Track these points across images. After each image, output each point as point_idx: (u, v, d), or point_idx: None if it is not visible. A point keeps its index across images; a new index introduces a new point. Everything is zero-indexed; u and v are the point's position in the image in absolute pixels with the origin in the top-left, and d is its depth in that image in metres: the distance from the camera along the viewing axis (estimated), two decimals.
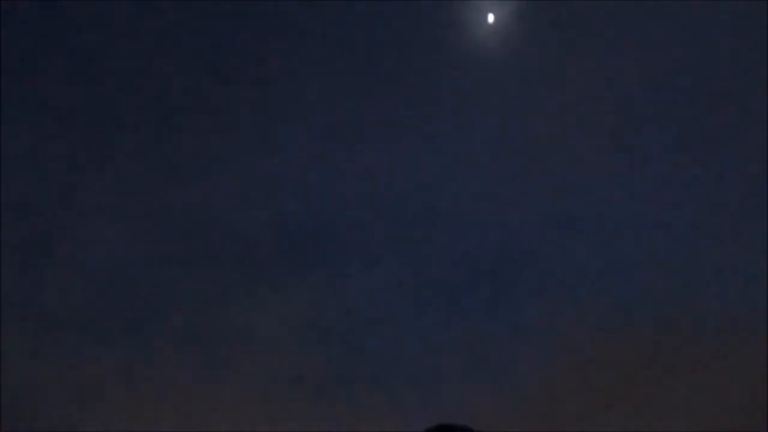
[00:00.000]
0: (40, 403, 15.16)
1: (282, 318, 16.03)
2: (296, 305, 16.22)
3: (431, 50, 16.94)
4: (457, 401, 15.44)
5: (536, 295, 16.38)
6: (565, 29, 17.06)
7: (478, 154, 17.00)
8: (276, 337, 15.95)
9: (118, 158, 16.78)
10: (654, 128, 17.24)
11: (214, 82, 17.15)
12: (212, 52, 17.31)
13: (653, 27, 17.16)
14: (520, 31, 16.95)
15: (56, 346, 15.59)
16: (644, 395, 15.49)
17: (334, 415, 15.48)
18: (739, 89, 16.99)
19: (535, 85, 17.05)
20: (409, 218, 16.79)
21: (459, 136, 17.07)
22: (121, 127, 16.91)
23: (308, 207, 16.89)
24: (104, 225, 16.39)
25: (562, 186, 16.90)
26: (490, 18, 16.64)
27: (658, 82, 17.29)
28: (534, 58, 17.03)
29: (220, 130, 17.11)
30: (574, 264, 16.64)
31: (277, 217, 16.69)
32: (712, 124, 17.14)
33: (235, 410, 15.45)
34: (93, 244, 16.32)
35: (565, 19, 17.04)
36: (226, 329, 15.93)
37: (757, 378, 15.27)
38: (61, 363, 15.44)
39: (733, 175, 16.82)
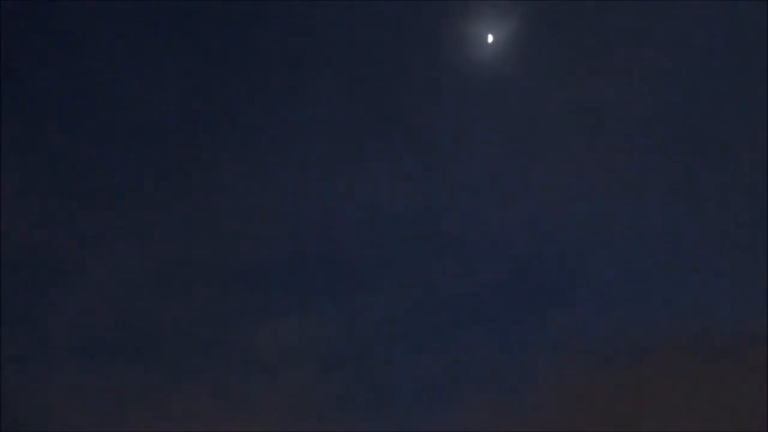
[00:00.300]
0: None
1: (292, 342, 16.21)
2: (306, 330, 16.37)
3: (432, 72, 16.99)
4: (467, 418, 15.72)
5: (542, 311, 16.62)
6: (563, 48, 17.08)
7: (481, 173, 17.10)
8: (286, 360, 16.14)
9: (127, 188, 16.83)
10: (659, 144, 17.30)
11: (225, 112, 17.17)
12: (220, 83, 17.29)
13: (653, 46, 17.15)
14: (519, 51, 16.98)
15: (67, 372, 15.75)
16: (652, 408, 15.77)
17: None
18: (741, 102, 17.02)
19: (536, 101, 17.11)
20: (416, 241, 16.93)
21: (461, 156, 17.16)
22: (129, 157, 16.94)
23: (316, 235, 17.00)
24: (114, 253, 16.49)
25: (565, 203, 17.01)
26: (490, 38, 16.72)
27: (659, 98, 17.33)
28: (533, 75, 17.09)
29: (230, 162, 17.15)
30: (580, 280, 16.86)
31: (286, 245, 16.81)
32: (718, 141, 17.18)
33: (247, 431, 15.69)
34: (102, 272, 16.44)
35: (564, 38, 17.06)
36: (237, 354, 16.12)
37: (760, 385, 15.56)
38: (72, 389, 15.60)
39: (739, 188, 16.93)
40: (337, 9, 17.25)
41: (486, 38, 16.88)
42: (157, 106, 17.32)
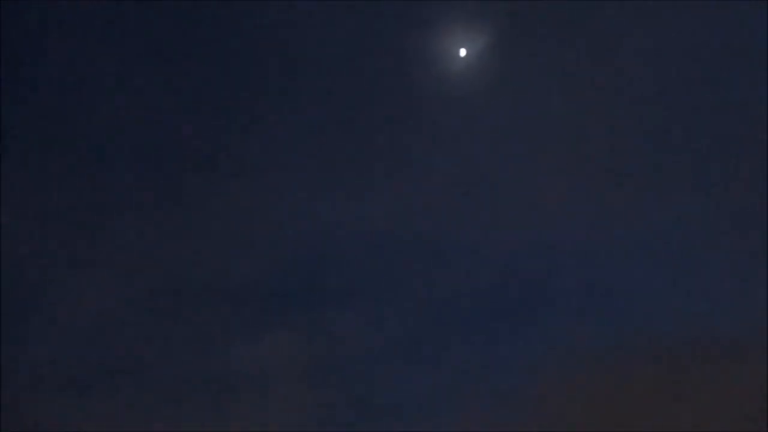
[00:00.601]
0: None
1: (279, 360, 16.00)
2: (291, 348, 16.18)
3: (407, 86, 17.11)
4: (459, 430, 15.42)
5: (532, 324, 16.40)
6: (535, 62, 17.21)
7: (465, 183, 17.06)
8: (271, 379, 15.92)
9: (109, 213, 16.82)
10: (645, 152, 17.24)
11: (209, 135, 17.25)
12: (206, 107, 17.43)
13: (623, 58, 17.26)
14: (492, 64, 17.14)
15: (52, 397, 15.53)
16: (650, 412, 15.46)
17: None
18: (736, 105, 17.00)
19: (518, 109, 17.18)
20: (400, 255, 16.84)
21: (442, 170, 17.17)
22: (114, 180, 16.97)
23: (299, 251, 16.94)
24: (97, 277, 16.40)
25: (557, 209, 16.90)
26: (462, 52, 16.92)
27: (647, 102, 17.31)
28: (505, 88, 17.19)
29: (211, 183, 17.17)
30: (568, 293, 16.68)
31: (271, 262, 16.71)
32: (709, 147, 17.13)
33: None
34: (86, 295, 16.34)
35: (536, 52, 17.21)
36: (222, 374, 15.90)
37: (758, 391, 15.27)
38: (59, 415, 15.37)
39: (737, 189, 16.78)
40: (321, 22, 17.45)
41: (459, 52, 17.07)
42: (147, 140, 17.39)
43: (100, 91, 17.38)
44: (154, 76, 17.52)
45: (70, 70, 17.37)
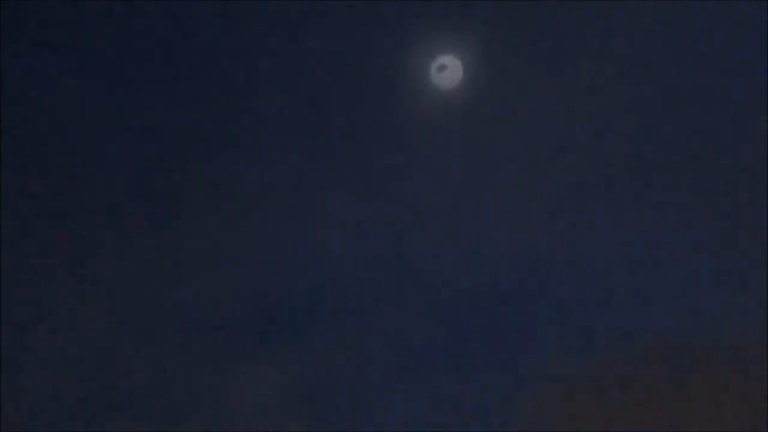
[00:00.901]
0: None
1: (263, 391, 15.98)
2: (278, 377, 16.18)
3: (383, 101, 17.12)
4: None
5: (531, 329, 16.38)
6: (517, 79, 17.24)
7: (446, 201, 17.04)
8: (258, 410, 15.91)
9: (92, 239, 16.82)
10: (641, 154, 17.24)
11: (188, 158, 17.24)
12: (185, 131, 17.42)
13: (620, 60, 17.30)
14: (489, 65, 17.20)
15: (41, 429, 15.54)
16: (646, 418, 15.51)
17: None
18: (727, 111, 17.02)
19: (507, 116, 17.18)
20: (387, 277, 16.83)
21: (425, 186, 17.17)
22: (97, 208, 16.97)
23: (284, 278, 16.89)
24: (80, 304, 16.39)
25: (550, 217, 16.89)
26: (442, 65, 17.01)
27: (635, 108, 17.31)
28: (502, 89, 17.22)
29: (196, 205, 17.15)
30: (558, 302, 16.67)
31: (254, 290, 16.69)
32: (707, 148, 17.15)
33: None
34: (67, 324, 16.33)
35: (533, 53, 17.23)
36: (206, 405, 15.88)
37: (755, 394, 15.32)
38: None
39: (731, 196, 16.80)
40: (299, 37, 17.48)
41: (454, 55, 17.16)
42: (129, 167, 17.39)
43: (93, 93, 17.43)
44: (147, 79, 17.56)
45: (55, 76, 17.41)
